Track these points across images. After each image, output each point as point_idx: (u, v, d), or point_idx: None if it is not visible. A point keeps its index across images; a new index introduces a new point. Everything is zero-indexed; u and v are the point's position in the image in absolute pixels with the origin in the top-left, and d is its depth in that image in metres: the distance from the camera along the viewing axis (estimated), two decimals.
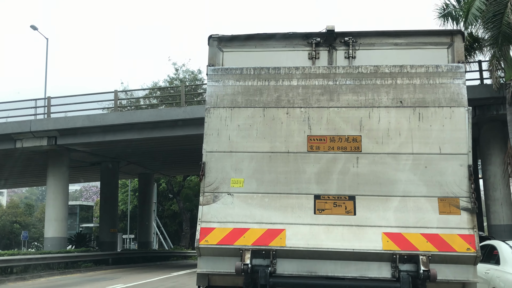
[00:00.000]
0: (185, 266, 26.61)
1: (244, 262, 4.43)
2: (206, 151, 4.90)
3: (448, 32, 5.10)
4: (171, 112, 20.70)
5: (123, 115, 21.35)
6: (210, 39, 5.14)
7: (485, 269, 8.45)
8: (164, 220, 50.65)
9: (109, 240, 27.66)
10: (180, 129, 20.85)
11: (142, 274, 19.47)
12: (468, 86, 17.54)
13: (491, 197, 19.11)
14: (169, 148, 25.37)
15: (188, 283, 15.50)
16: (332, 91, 4.80)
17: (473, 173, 4.56)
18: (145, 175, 32.82)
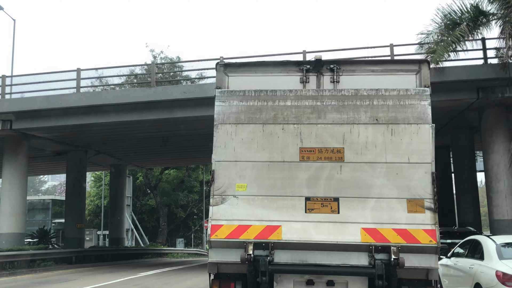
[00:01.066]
0: (158, 264, 24.45)
1: (248, 253, 5.22)
2: (215, 161, 5.61)
3: (416, 61, 5.94)
4: (140, 93, 18.50)
5: (86, 96, 19.06)
6: (217, 65, 5.92)
7: (469, 264, 8.46)
8: (141, 215, 48.34)
9: (75, 237, 25.40)
10: (150, 112, 18.67)
11: (106, 274, 17.30)
12: (471, 66, 15.50)
13: (493, 189, 17.31)
14: (141, 136, 23.15)
15: (154, 286, 13.40)
16: (320, 111, 5.60)
17: (435, 179, 5.40)
18: (117, 167, 30.50)
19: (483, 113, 17.69)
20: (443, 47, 15.52)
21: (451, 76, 16.40)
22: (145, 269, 20.10)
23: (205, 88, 17.91)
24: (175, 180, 43.21)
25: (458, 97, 16.93)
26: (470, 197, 21.82)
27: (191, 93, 17.95)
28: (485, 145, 17.69)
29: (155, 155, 29.50)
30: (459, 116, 19.81)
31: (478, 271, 8.05)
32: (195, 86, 18.23)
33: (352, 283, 5.36)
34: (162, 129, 21.70)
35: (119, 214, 30.57)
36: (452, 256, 9.96)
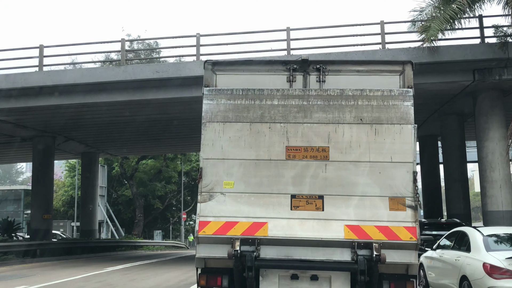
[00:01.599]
0: (130, 258, 22.97)
1: (235, 249, 5.34)
2: (203, 158, 5.70)
3: (400, 62, 5.99)
4: (108, 72, 16.94)
5: (49, 75, 17.38)
6: (205, 63, 6.02)
7: (456, 256, 8.27)
8: (118, 207, 46.65)
9: (42, 228, 23.73)
10: (120, 93, 17.12)
11: (69, 269, 15.80)
12: (467, 46, 14.16)
13: (487, 179, 16.26)
14: (112, 121, 21.58)
15: (118, 284, 11.97)
16: (306, 110, 5.69)
17: (416, 178, 5.54)
18: (88, 155, 28.79)
19: (478, 97, 16.59)
20: (438, 23, 14.31)
21: (445, 56, 15.23)
22: (115, 263, 18.62)
23: (179, 68, 16.45)
24: (152, 170, 41.57)
25: (452, 79, 15.78)
26: (460, 188, 20.80)
27: (164, 73, 16.45)
28: (480, 132, 16.60)
29: (129, 142, 27.88)
30: (450, 101, 18.72)
31: (464, 263, 7.83)
32: (169, 65, 16.75)
33: (335, 278, 5.50)
34: (134, 113, 20.15)
35: (91, 205, 28.91)
36: (437, 248, 9.64)
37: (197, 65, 16.26)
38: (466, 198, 21.01)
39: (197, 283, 5.75)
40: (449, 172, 21.29)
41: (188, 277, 13.52)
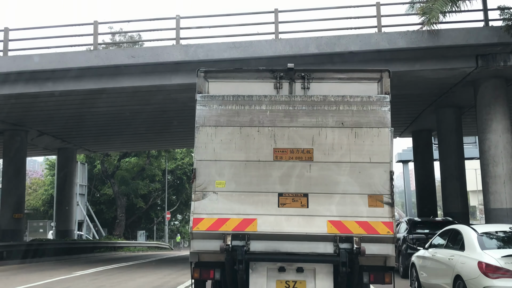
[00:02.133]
0: (106, 260, 21.49)
1: (226, 243, 5.65)
2: (196, 160, 6.00)
3: (378, 70, 6.26)
4: (80, 57, 15.47)
5: (14, 60, 15.83)
6: (198, 71, 6.27)
7: (449, 255, 8.10)
8: (100, 206, 45.04)
9: (12, 228, 22.20)
10: (92, 80, 15.66)
11: (34, 273, 14.34)
12: (470, 29, 12.34)
13: (490, 174, 15.09)
14: (86, 112, 20.06)
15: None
16: (292, 115, 6.01)
17: (393, 177, 5.89)
18: (65, 151, 27.22)
19: (480, 86, 15.42)
20: (440, 3, 13.09)
21: (447, 40, 14.03)
22: (87, 266, 17.16)
23: (157, 52, 15.03)
24: (135, 168, 40.05)
25: (454, 66, 14.58)
26: (457, 185, 19.63)
27: (140, 58, 15.04)
28: (482, 124, 15.43)
29: (108, 137, 26.35)
30: (449, 92, 17.56)
31: (458, 262, 7.63)
32: (146, 49, 15.34)
33: (319, 269, 5.83)
34: (110, 104, 18.70)
35: (67, 204, 27.36)
36: (430, 247, 9.33)
37: (177, 49, 14.92)
38: (464, 196, 19.88)
39: (191, 276, 6.06)
40: (446, 169, 20.13)
41: (164, 282, 12.14)
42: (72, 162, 28.09)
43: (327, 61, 14.52)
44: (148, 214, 50.81)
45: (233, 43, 14.68)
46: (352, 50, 14.26)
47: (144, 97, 17.52)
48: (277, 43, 14.57)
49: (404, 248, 13.11)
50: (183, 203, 52.59)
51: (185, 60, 14.83)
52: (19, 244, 20.79)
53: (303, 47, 14.40)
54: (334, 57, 14.51)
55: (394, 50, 14.27)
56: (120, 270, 15.99)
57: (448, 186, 19.98)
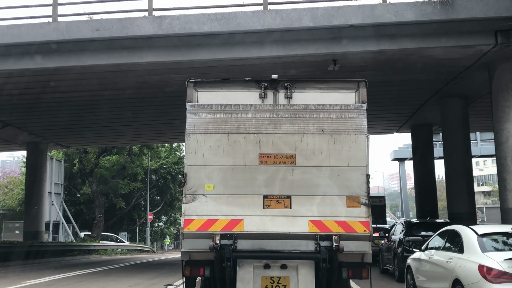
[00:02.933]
0: (74, 265, 19.28)
1: (215, 243, 6.05)
2: (187, 165, 6.38)
3: (355, 81, 6.60)
4: (35, 31, 13.18)
5: None
6: (188, 82, 6.59)
7: (447, 258, 7.78)
8: (80, 206, 42.71)
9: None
10: (50, 58, 13.45)
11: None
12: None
13: (508, 169, 13.16)
14: (50, 98, 17.82)
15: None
16: (276, 122, 6.42)
17: (369, 180, 6.28)
18: (34, 145, 24.96)
19: (497, 68, 13.49)
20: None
21: (462, 12, 12.05)
22: (47, 272, 14.99)
23: (126, 24, 12.86)
24: (116, 166, 37.76)
25: (469, 43, 12.59)
26: (464, 182, 17.71)
27: (106, 31, 12.87)
28: (498, 111, 13.50)
29: (80, 130, 23.98)
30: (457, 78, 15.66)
31: (457, 265, 7.33)
32: (112, 21, 13.18)
33: (301, 266, 6.16)
34: (74, 87, 16.49)
35: (36, 203, 25.08)
36: (427, 249, 8.99)
37: (149, 21, 12.78)
38: (471, 195, 17.96)
39: (182, 274, 6.33)
40: (451, 165, 18.22)
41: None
42: (42, 157, 25.80)
43: (325, 36, 12.53)
44: (131, 215, 48.55)
45: (214, 15, 12.59)
46: (352, 23, 12.23)
47: (113, 79, 15.38)
48: (266, 15, 12.52)
49: (400, 251, 12.49)
50: (167, 204, 50.36)
51: (159, 34, 12.71)
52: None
53: (296, 19, 12.36)
54: (332, 31, 12.50)
55: (401, 23, 12.27)
56: (81, 278, 13.80)
57: (453, 185, 18.06)
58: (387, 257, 14.04)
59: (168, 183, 47.52)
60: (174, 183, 48.61)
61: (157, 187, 48.43)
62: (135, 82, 15.67)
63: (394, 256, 13.01)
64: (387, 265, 14.15)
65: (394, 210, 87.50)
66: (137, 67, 13.91)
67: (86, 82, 15.60)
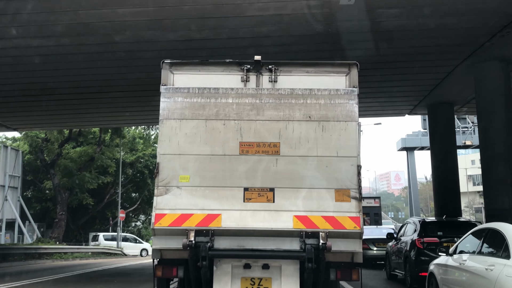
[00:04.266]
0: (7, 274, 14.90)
1: (189, 239, 5.50)
2: (160, 154, 5.87)
3: (346, 64, 6.16)
4: None
5: None
6: (163, 63, 6.16)
7: (487, 265, 6.34)
8: (46, 204, 38.23)
9: None
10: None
11: None
12: None
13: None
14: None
15: None
16: (259, 108, 5.97)
17: (360, 171, 5.77)
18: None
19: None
20: None
21: None
22: None
23: None
24: (83, 158, 33.29)
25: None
26: (508, 170, 13.67)
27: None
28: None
29: (28, 108, 19.59)
30: (502, 32, 11.64)
31: (502, 275, 5.77)
32: None
33: (285, 266, 5.72)
34: (7, 43, 12.15)
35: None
36: (455, 253, 7.61)
37: None
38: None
39: (153, 274, 5.88)
40: (489, 148, 14.17)
41: None
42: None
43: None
44: (104, 214, 44.03)
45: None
46: None
47: (56, 27, 11.09)
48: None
49: (413, 255, 11.04)
50: (145, 201, 45.92)
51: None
52: None
53: None
54: None
55: None
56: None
57: (492, 174, 13.99)
58: (396, 261, 12.57)
59: (145, 178, 43.14)
60: (152, 178, 44.21)
61: (133, 182, 43.99)
62: (101, 46, 11.57)
63: (405, 260, 11.54)
64: (395, 270, 12.67)
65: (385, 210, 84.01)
66: None
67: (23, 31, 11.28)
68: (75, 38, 12.09)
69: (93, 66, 14.45)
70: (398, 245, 12.54)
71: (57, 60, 13.98)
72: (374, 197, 32.88)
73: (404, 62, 14.51)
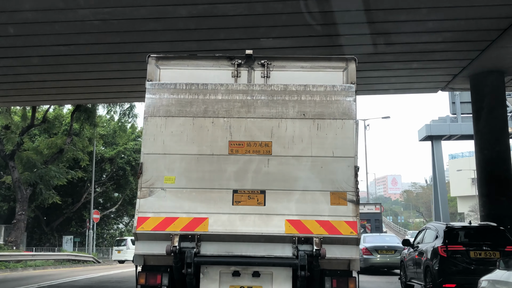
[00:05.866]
0: None
1: (173, 245, 5.21)
2: (143, 153, 5.61)
3: (344, 59, 5.89)
4: None
5: None
6: (149, 58, 5.89)
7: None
8: (14, 203, 33.66)
9: None
10: None
11: None
12: None
13: None
14: None
15: None
16: (250, 105, 5.67)
17: (357, 173, 5.48)
18: None
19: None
20: None
21: None
22: None
23: None
24: (51, 149, 28.77)
25: None
26: None
27: None
28: None
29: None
30: None
31: None
32: None
33: (276, 274, 5.43)
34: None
35: None
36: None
37: None
38: None
39: (136, 282, 5.58)
40: None
41: None
42: None
43: None
44: (81, 215, 39.57)
45: None
46: None
47: None
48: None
49: (435, 264, 9.77)
50: (127, 202, 41.46)
51: None
52: None
53: None
54: None
55: None
56: None
57: None
58: (414, 270, 11.59)
59: (127, 175, 38.68)
60: (134, 176, 39.73)
61: (113, 180, 39.52)
62: None
63: (425, 269, 10.48)
64: (412, 280, 11.83)
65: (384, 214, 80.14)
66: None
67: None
68: None
69: None
70: (415, 253, 11.54)
71: None
72: (375, 203, 31.75)
73: (443, 23, 10.59)
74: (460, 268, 9.44)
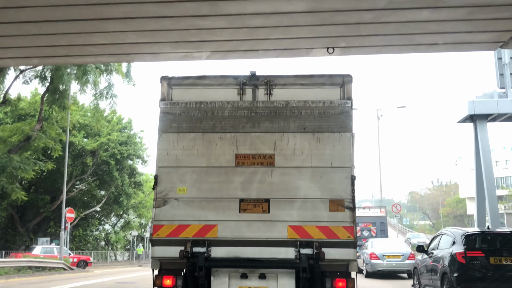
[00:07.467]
0: None
1: (186, 250, 5.78)
2: (158, 166, 6.12)
3: (341, 76, 6.36)
4: None
5: None
6: (162, 79, 6.41)
7: None
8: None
9: None
10: None
11: None
12: None
13: None
14: None
15: None
16: (254, 120, 6.21)
17: (354, 182, 5.94)
18: None
19: None
20: None
21: None
22: None
23: None
24: (16, 136, 24.55)
25: None
26: None
27: None
28: None
29: None
30: None
31: None
32: None
33: (281, 275, 5.85)
34: None
35: None
36: None
37: None
38: None
39: (153, 284, 6.00)
40: None
41: None
42: None
43: None
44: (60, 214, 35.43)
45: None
46: None
47: None
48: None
49: (453, 270, 9.58)
50: (112, 200, 37.27)
51: None
52: None
53: None
54: None
55: None
56: None
57: None
58: (429, 277, 11.22)
59: (111, 170, 34.50)
60: (121, 171, 35.57)
61: (96, 175, 35.33)
62: None
63: (442, 276, 10.11)
64: (427, 287, 11.50)
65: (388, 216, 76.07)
66: None
67: None
68: None
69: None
70: (430, 259, 11.34)
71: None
72: (380, 207, 30.94)
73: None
74: (479, 275, 9.26)
